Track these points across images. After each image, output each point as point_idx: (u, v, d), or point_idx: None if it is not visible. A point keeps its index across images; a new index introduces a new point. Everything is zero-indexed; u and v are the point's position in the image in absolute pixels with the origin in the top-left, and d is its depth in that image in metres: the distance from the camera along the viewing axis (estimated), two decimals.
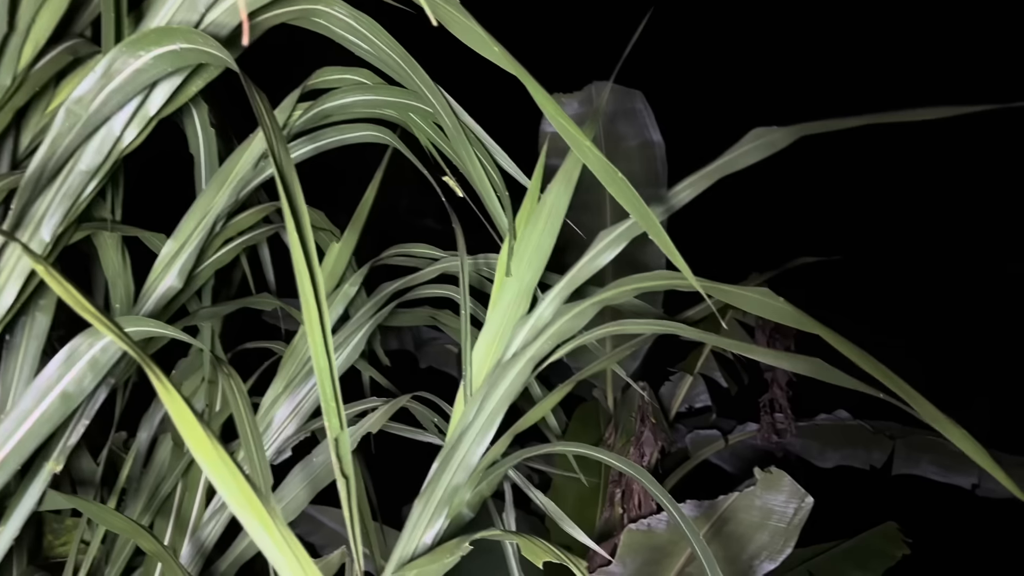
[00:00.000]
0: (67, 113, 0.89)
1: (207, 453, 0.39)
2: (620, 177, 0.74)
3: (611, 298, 1.07)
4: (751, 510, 1.93)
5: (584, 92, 3.02)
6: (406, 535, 1.07)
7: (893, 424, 3.13)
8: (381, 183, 1.64)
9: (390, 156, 1.56)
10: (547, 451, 1.19)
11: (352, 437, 1.31)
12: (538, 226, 1.21)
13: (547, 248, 1.22)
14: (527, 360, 1.10)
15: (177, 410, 0.42)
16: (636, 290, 1.06)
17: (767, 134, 1.04)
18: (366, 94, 1.39)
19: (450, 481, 1.09)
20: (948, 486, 2.98)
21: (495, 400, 1.10)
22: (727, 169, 1.07)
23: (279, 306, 1.61)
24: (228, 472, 0.40)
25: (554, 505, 1.25)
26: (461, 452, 1.09)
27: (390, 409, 1.32)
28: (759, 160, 1.04)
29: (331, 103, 1.36)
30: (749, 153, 1.05)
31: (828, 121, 0.98)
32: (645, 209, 0.75)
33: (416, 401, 1.44)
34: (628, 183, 0.74)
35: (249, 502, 0.40)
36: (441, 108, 1.24)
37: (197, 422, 0.42)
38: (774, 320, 0.92)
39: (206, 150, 1.38)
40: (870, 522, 2.87)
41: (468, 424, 1.10)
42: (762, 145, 1.04)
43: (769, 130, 1.04)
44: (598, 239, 1.15)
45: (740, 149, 1.06)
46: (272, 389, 1.51)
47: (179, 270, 1.21)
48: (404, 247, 1.66)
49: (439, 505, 1.08)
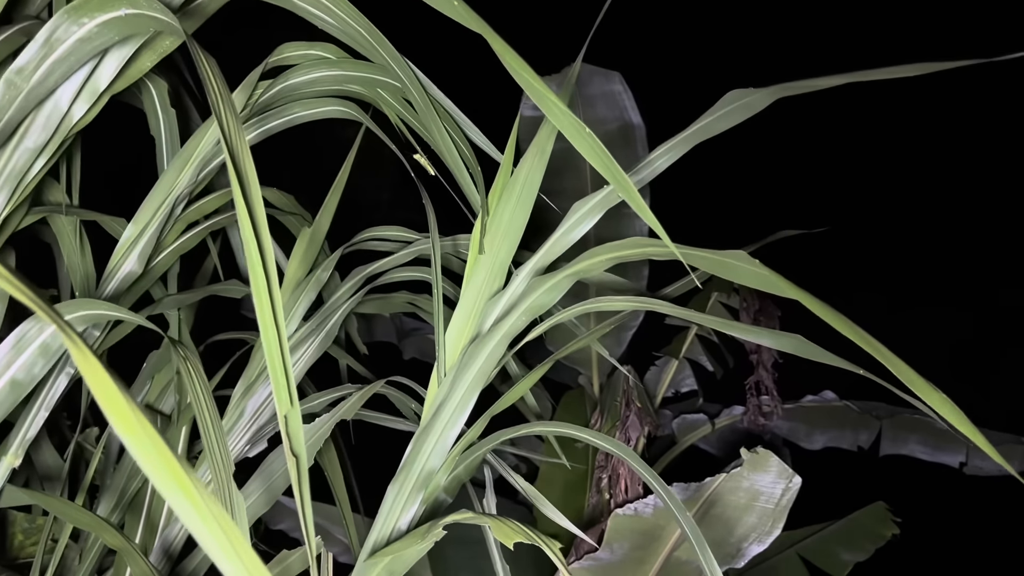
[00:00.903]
0: (7, 84, 0.84)
1: (119, 413, 0.35)
2: (588, 133, 0.71)
3: (585, 269, 1.03)
4: (738, 492, 1.90)
5: (562, 75, 2.98)
6: (380, 521, 1.03)
7: (880, 404, 3.11)
8: (359, 168, 1.60)
9: (372, 148, 1.52)
10: (526, 432, 1.15)
11: (325, 425, 1.27)
12: (511, 201, 1.17)
13: (521, 223, 1.18)
14: (500, 337, 1.06)
15: (90, 372, 0.38)
16: (611, 259, 1.02)
17: (744, 96, 1.00)
18: (331, 69, 1.34)
19: (424, 464, 1.05)
20: (936, 465, 2.97)
21: (468, 379, 1.06)
22: (705, 133, 1.03)
23: (247, 292, 1.56)
24: (143, 432, 0.35)
25: (535, 490, 1.21)
26: (435, 434, 1.05)
27: (363, 395, 1.28)
28: (738, 123, 1.00)
29: (295, 79, 1.31)
30: (726, 116, 1.01)
31: (806, 81, 0.95)
32: (616, 168, 0.71)
33: (393, 387, 1.40)
34: (597, 140, 0.70)
35: (167, 465, 0.36)
36: (408, 81, 1.20)
37: (108, 376, 0.38)
38: (753, 286, 0.89)
39: (167, 131, 1.33)
40: (859, 503, 2.85)
41: (441, 404, 1.06)
42: (740, 107, 1.00)
43: (746, 92, 1.00)
44: (573, 209, 1.11)
45: (717, 112, 1.02)
46: (243, 379, 1.46)
47: (138, 255, 1.16)
48: (377, 230, 1.61)
49: (414, 489, 1.04)
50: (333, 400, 1.40)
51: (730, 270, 0.90)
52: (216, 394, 1.50)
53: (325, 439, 1.63)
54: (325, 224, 1.65)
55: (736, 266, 0.89)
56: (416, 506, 1.04)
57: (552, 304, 1.06)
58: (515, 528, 0.85)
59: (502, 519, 0.86)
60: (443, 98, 1.30)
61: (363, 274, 1.52)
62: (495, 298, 1.11)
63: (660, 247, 0.94)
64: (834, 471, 3.28)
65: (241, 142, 0.74)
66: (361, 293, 1.46)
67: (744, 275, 0.90)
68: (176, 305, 1.46)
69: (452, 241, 1.49)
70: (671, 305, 1.09)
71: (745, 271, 0.89)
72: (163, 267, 1.37)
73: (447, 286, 1.57)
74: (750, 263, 0.87)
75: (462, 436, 1.11)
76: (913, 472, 3.01)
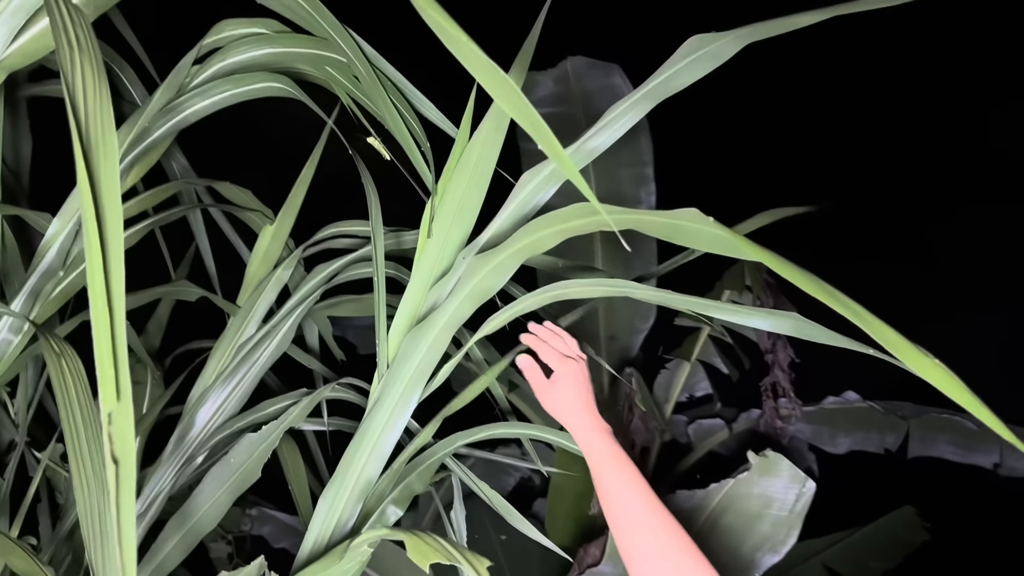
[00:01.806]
0: None
1: None
2: (508, 83, 0.59)
3: (530, 246, 0.90)
4: (749, 499, 1.77)
5: (559, 69, 2.87)
6: (311, 538, 0.91)
7: (906, 404, 2.95)
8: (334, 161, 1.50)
9: (346, 140, 1.42)
10: (486, 435, 1.04)
11: (273, 434, 1.16)
12: (462, 181, 1.05)
13: (475, 205, 1.06)
14: (442, 325, 0.94)
15: None
16: (558, 232, 0.89)
17: (709, 42, 0.87)
18: (272, 46, 1.24)
19: (360, 472, 0.93)
20: (968, 467, 2.80)
21: (407, 374, 0.94)
22: (668, 88, 0.90)
23: (203, 295, 1.46)
24: None
25: (502, 499, 1.09)
26: (371, 437, 0.93)
27: (312, 401, 1.17)
28: (705, 75, 0.88)
29: (233, 58, 1.21)
30: (691, 67, 0.88)
31: (780, 20, 0.82)
32: (539, 121, 0.59)
33: (353, 391, 1.28)
34: (520, 93, 0.59)
35: None
36: (352, 53, 1.09)
37: None
38: (710, 249, 0.76)
39: None
40: (887, 508, 2.69)
41: (377, 403, 0.94)
42: (705, 56, 0.87)
43: (710, 37, 0.87)
44: (523, 181, 0.99)
45: (680, 63, 0.89)
46: (196, 387, 1.36)
47: (57, 250, 1.06)
48: (340, 225, 1.50)
49: (350, 501, 0.92)
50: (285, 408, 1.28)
51: (684, 233, 0.77)
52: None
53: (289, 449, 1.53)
54: (289, 220, 1.55)
55: (689, 227, 0.77)
56: (354, 520, 0.92)
57: (498, 287, 0.94)
58: (433, 546, 0.73)
59: (420, 535, 0.74)
60: (394, 72, 1.19)
61: (325, 272, 1.42)
62: (438, 284, 1.00)
63: (614, 214, 0.82)
64: (855, 474, 3.12)
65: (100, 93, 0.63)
66: (318, 292, 1.35)
67: (700, 238, 0.77)
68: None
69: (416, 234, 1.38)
70: (643, 287, 0.96)
71: (701, 233, 0.76)
72: None
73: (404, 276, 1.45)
74: (704, 223, 0.74)
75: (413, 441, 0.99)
76: (944, 475, 2.84)
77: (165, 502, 1.29)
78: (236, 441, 1.18)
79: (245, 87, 1.18)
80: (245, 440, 1.15)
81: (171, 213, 1.35)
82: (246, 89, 1.18)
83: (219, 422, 1.28)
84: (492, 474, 3.17)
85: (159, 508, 1.26)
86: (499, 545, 2.75)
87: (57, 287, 1.10)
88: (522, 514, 2.90)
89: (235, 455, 1.15)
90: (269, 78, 1.19)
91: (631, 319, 3.07)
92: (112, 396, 0.54)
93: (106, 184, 0.58)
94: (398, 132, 1.12)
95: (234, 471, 1.15)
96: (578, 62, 2.88)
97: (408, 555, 0.69)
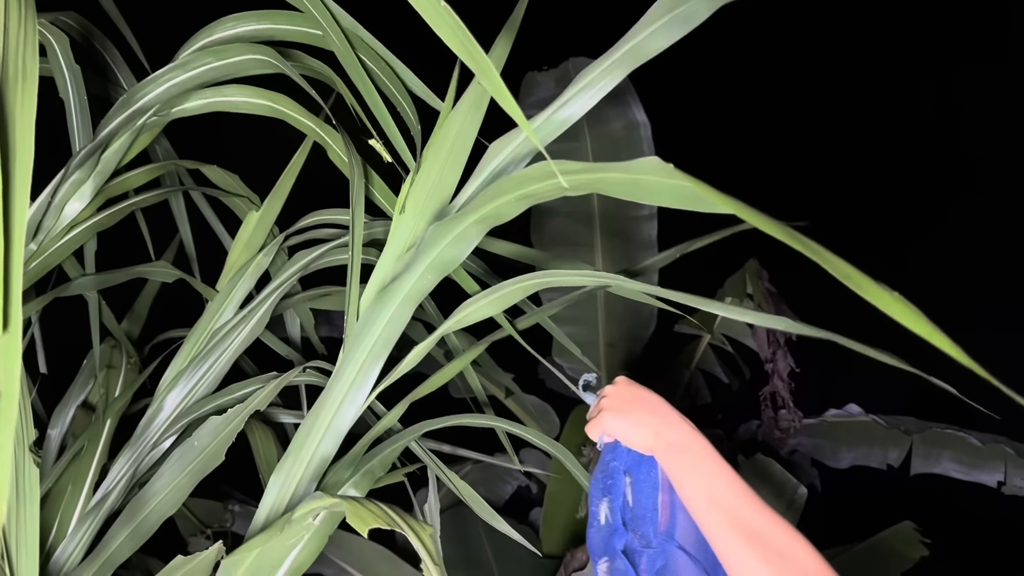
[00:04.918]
0: None
1: None
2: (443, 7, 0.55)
3: (493, 213, 0.85)
4: None
5: (560, 69, 2.84)
6: (262, 516, 0.87)
7: (909, 419, 2.89)
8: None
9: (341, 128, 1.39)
10: (453, 422, 1.00)
11: (238, 417, 1.11)
12: (440, 156, 1.02)
13: (452, 181, 1.02)
14: (402, 298, 0.90)
15: None
16: (522, 197, 0.84)
17: (680, 3, 0.83)
18: (260, 22, 1.22)
19: (316, 449, 0.89)
20: (971, 484, 2.74)
21: (366, 347, 0.90)
22: (640, 54, 0.85)
23: (181, 276, 1.42)
24: None
25: (470, 489, 1.05)
26: (328, 411, 0.89)
27: (278, 385, 1.13)
28: (678, 40, 0.83)
29: (219, 34, 1.19)
30: (663, 30, 0.83)
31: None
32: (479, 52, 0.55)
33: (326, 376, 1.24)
34: (453, 15, 0.55)
35: None
36: (325, 21, 1.06)
37: None
38: (675, 205, 0.71)
39: (75, 91, 1.21)
40: (884, 522, 2.63)
41: (335, 376, 0.90)
42: (677, 18, 0.82)
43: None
44: (493, 149, 0.95)
45: (650, 27, 0.84)
46: (169, 371, 1.33)
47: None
48: (323, 213, 1.47)
49: (303, 479, 0.88)
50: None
51: (645, 188, 0.72)
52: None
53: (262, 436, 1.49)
54: (276, 207, 1.52)
55: (649, 181, 0.72)
56: (307, 499, 0.88)
57: (461, 258, 0.90)
58: (375, 512, 0.69)
59: (362, 501, 0.70)
60: (376, 44, 1.16)
61: (304, 260, 1.38)
62: (404, 256, 0.96)
63: (571, 173, 0.78)
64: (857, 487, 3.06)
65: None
66: (294, 279, 1.31)
67: (663, 192, 0.72)
68: (94, 287, 1.33)
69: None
70: (629, 280, 0.92)
71: (663, 186, 0.71)
72: (73, 245, 1.24)
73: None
74: (667, 175, 0.69)
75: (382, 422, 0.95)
76: (947, 492, 2.77)
77: (129, 489, 1.26)
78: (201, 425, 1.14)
79: (227, 59, 1.15)
80: (209, 423, 1.11)
81: (153, 195, 1.32)
82: (228, 62, 1.15)
83: (188, 406, 1.25)
84: (489, 481, 3.12)
85: (122, 494, 1.23)
86: (491, 550, 2.71)
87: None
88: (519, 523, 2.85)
89: (198, 438, 1.11)
90: (251, 49, 1.16)
91: (630, 327, 3.02)
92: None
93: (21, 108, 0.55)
94: (371, 102, 1.09)
95: (197, 454, 1.11)
96: (580, 62, 2.85)
97: (347, 520, 0.65)
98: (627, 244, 2.93)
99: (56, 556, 1.20)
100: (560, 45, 2.83)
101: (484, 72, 0.55)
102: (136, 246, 1.59)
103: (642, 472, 0.93)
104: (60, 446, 1.55)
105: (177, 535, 2.14)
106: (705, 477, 0.86)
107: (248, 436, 1.50)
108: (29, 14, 0.65)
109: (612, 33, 0.95)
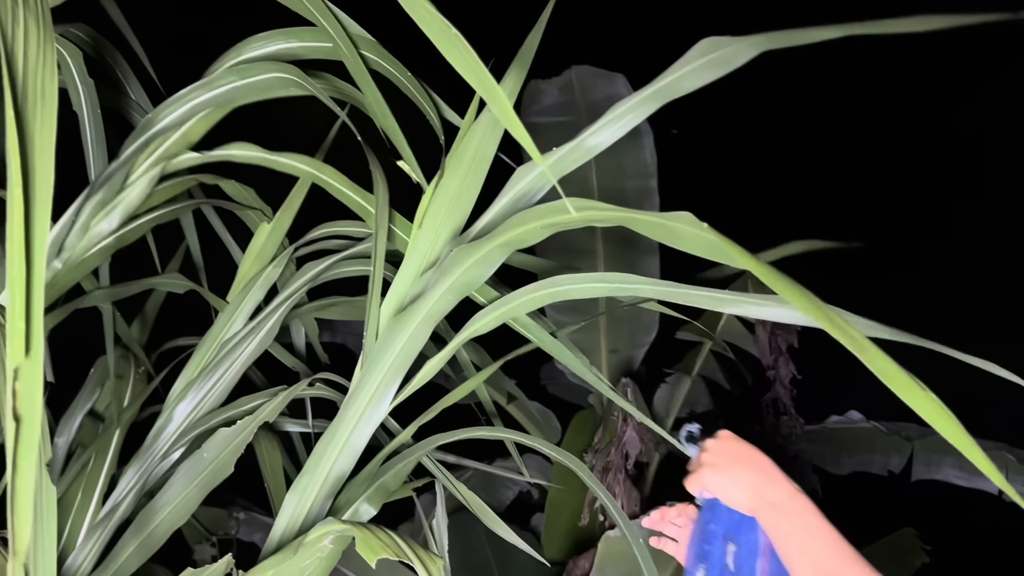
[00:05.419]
0: None
1: None
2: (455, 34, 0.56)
3: (517, 238, 0.87)
4: None
5: (563, 77, 2.84)
6: (276, 534, 0.88)
7: (910, 425, 2.90)
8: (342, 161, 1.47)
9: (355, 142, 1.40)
10: (463, 436, 1.00)
11: (247, 430, 1.12)
12: (459, 171, 1.02)
13: (470, 197, 1.03)
14: (422, 317, 0.91)
15: None
16: (546, 226, 0.85)
17: (721, 46, 0.82)
18: (288, 41, 1.22)
19: (332, 466, 0.90)
20: (972, 491, 2.75)
21: (384, 366, 0.91)
22: (674, 90, 0.86)
23: (191, 287, 1.43)
24: None
25: (478, 499, 1.06)
26: (344, 430, 0.90)
27: (286, 398, 1.13)
28: (714, 80, 0.84)
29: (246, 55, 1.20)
30: (700, 70, 0.83)
31: (795, 32, 0.78)
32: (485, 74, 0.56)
33: (335, 389, 1.25)
34: (461, 38, 0.56)
35: None
36: (336, 34, 1.07)
37: None
38: (700, 254, 0.73)
39: (88, 105, 1.22)
40: (885, 528, 2.63)
41: (352, 395, 0.91)
42: (716, 60, 0.82)
43: (724, 40, 0.83)
44: (518, 175, 0.96)
45: (688, 65, 0.84)
46: (178, 382, 1.33)
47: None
48: (334, 225, 1.48)
49: (319, 496, 0.89)
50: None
51: (675, 235, 0.75)
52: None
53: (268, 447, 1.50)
54: (287, 220, 1.53)
55: (682, 230, 0.74)
56: (324, 516, 0.89)
57: (482, 279, 0.90)
58: (384, 540, 0.69)
59: (371, 528, 0.71)
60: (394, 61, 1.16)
61: (313, 271, 1.39)
62: (425, 275, 0.97)
63: (600, 210, 0.79)
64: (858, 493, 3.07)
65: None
66: (303, 291, 1.32)
67: (691, 241, 0.74)
68: (108, 299, 1.33)
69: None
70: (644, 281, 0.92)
71: (692, 236, 0.73)
72: (96, 262, 1.24)
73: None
74: (697, 227, 0.72)
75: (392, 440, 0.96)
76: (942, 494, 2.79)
77: (139, 498, 1.26)
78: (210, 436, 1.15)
79: (250, 78, 1.15)
80: (218, 435, 1.12)
81: (172, 210, 1.33)
82: (251, 81, 1.15)
83: (197, 418, 1.26)
84: (490, 488, 3.13)
85: (131, 504, 1.23)
86: (492, 555, 2.71)
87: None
88: (520, 528, 2.85)
89: (208, 450, 1.12)
90: (275, 68, 1.16)
91: (633, 332, 3.03)
92: (20, 351, 0.51)
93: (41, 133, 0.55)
94: (381, 116, 1.09)
95: (206, 466, 1.12)
96: (583, 71, 2.86)
97: (356, 549, 0.66)
98: (629, 250, 2.94)
99: (66, 567, 1.21)
100: (563, 52, 2.83)
101: (501, 111, 0.56)
102: (141, 254, 1.60)
103: (741, 535, 0.91)
104: (67, 454, 1.56)
105: (182, 542, 2.15)
106: (808, 541, 0.84)
107: (254, 445, 1.51)
108: (47, 36, 0.65)
109: (614, 41, 0.96)
